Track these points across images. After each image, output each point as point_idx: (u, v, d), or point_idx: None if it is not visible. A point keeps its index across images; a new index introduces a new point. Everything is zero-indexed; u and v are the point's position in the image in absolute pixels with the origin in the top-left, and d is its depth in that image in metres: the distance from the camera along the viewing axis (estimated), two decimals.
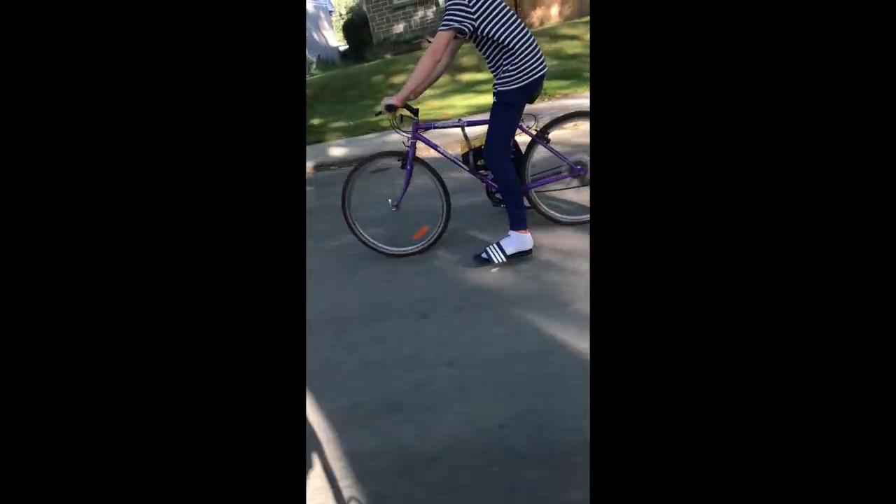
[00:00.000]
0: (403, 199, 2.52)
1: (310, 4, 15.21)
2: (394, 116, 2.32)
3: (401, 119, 2.38)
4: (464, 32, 2.04)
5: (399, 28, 11.33)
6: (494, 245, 2.28)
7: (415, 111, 2.36)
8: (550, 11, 9.87)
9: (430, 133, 2.46)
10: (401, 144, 2.52)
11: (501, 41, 2.05)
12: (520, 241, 2.25)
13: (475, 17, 2.01)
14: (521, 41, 2.07)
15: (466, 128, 2.43)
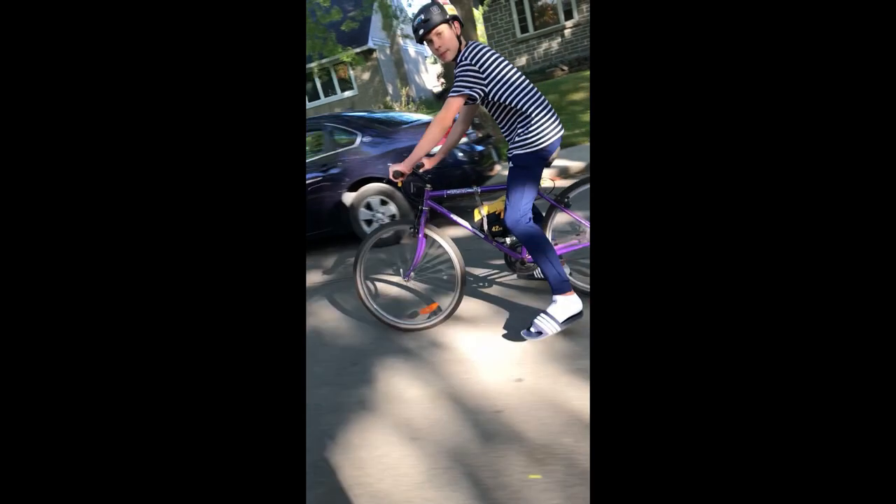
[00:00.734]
0: (415, 268, 2.37)
1: (411, 50, 16.19)
2: (403, 183, 2.22)
3: (412, 187, 2.27)
4: (475, 98, 1.95)
5: (521, 61, 11.73)
6: (543, 314, 1.97)
7: (425, 179, 2.25)
8: None
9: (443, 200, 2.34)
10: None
11: (514, 106, 1.95)
12: (567, 305, 1.95)
13: (486, 83, 1.92)
14: (534, 105, 1.95)
15: (480, 194, 2.30)
